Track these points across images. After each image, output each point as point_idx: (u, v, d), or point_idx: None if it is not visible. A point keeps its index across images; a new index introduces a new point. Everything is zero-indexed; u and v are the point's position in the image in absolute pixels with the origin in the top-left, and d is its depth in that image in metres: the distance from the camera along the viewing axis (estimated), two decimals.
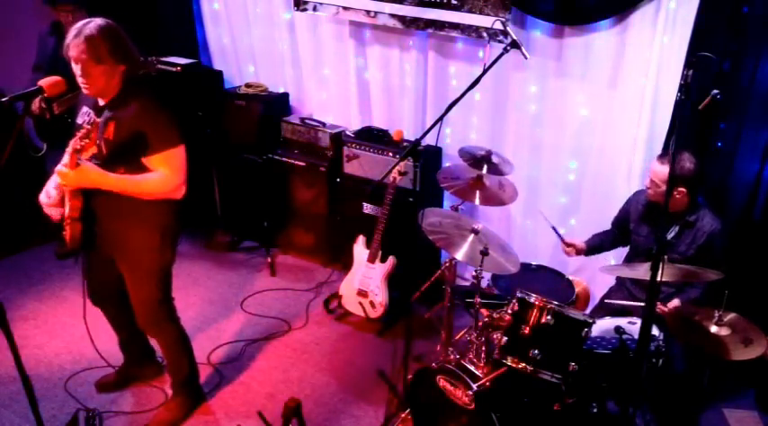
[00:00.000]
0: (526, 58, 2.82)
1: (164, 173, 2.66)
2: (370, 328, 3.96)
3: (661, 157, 2.98)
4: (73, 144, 2.53)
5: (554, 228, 3.39)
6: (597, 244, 3.40)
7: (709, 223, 3.00)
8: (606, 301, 3.24)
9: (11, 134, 2.24)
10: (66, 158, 2.66)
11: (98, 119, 2.56)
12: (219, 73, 4.81)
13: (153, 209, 2.76)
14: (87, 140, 2.50)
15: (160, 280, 2.92)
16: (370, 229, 3.86)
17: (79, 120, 2.75)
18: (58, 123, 3.97)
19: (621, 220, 3.31)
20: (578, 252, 3.36)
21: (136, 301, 2.95)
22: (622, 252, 3.43)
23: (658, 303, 2.93)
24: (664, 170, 2.86)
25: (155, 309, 2.97)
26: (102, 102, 2.68)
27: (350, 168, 4.24)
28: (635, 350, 2.54)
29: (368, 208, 4.18)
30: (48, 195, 2.78)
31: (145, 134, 2.59)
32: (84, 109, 2.76)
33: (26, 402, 2.34)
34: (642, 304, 2.52)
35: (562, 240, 3.37)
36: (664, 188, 2.71)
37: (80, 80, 2.58)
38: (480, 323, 2.91)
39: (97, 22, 2.56)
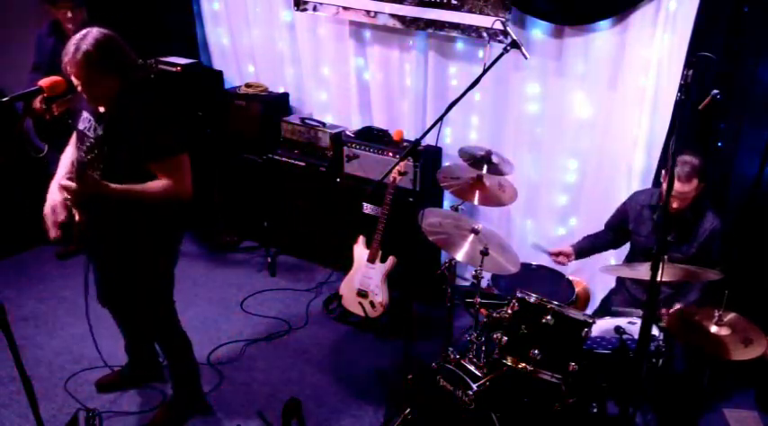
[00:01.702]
0: (526, 58, 2.82)
1: (168, 180, 2.62)
2: (370, 328, 3.96)
3: (680, 178, 2.91)
4: (78, 158, 2.49)
5: (537, 246, 3.39)
6: (587, 247, 3.38)
7: (710, 221, 3.01)
8: (613, 309, 3.22)
9: (11, 134, 2.24)
10: (61, 171, 2.65)
11: (100, 133, 2.52)
12: (219, 73, 4.81)
13: (158, 213, 2.76)
14: (94, 154, 2.46)
15: (163, 284, 2.92)
16: (371, 229, 3.86)
17: (80, 126, 2.72)
18: (58, 124, 3.97)
19: (618, 221, 3.30)
20: (568, 257, 3.35)
21: (138, 304, 2.95)
22: (623, 252, 3.43)
23: (662, 308, 2.93)
24: (684, 188, 2.88)
25: (157, 312, 2.97)
26: (102, 108, 2.65)
27: (350, 168, 4.24)
28: (635, 350, 2.54)
29: (368, 208, 4.18)
30: (53, 210, 2.73)
31: (146, 141, 2.56)
32: (85, 115, 2.72)
33: (26, 402, 2.34)
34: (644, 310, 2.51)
35: (548, 253, 3.37)
36: (689, 197, 2.89)
37: (80, 92, 2.56)
38: (480, 324, 2.91)
39: (94, 34, 2.49)
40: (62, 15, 3.90)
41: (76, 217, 2.69)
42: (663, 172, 3.12)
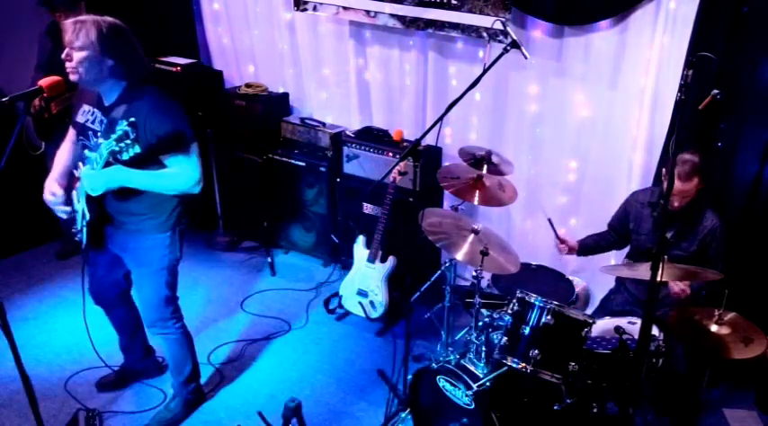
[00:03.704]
0: (526, 58, 2.82)
1: (184, 169, 2.63)
2: (370, 328, 3.96)
3: (680, 177, 2.91)
4: (108, 146, 2.47)
5: (550, 221, 3.35)
6: (590, 245, 3.38)
7: (711, 219, 3.02)
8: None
9: (11, 133, 2.24)
10: (57, 168, 2.63)
11: (133, 120, 2.51)
12: (219, 73, 4.81)
13: (165, 206, 2.77)
14: (126, 142, 2.44)
15: (168, 278, 2.92)
16: (371, 229, 3.86)
17: (81, 119, 2.72)
18: (56, 122, 3.97)
19: (620, 221, 3.30)
20: (570, 250, 3.35)
21: (142, 299, 2.95)
22: (623, 251, 3.43)
23: (671, 282, 2.91)
24: (685, 186, 2.89)
25: (161, 308, 2.97)
26: (107, 102, 2.64)
27: (350, 168, 4.24)
28: (635, 350, 2.54)
29: (368, 208, 4.18)
30: (52, 192, 2.73)
31: (161, 132, 2.56)
32: (86, 107, 2.72)
33: (26, 402, 2.34)
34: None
35: (556, 235, 3.36)
36: (690, 195, 2.89)
37: (67, 64, 2.52)
38: (480, 323, 2.91)
39: (111, 19, 2.53)
40: (59, 19, 3.92)
41: (87, 216, 2.70)
42: (663, 170, 3.11)
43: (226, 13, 4.86)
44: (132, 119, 2.45)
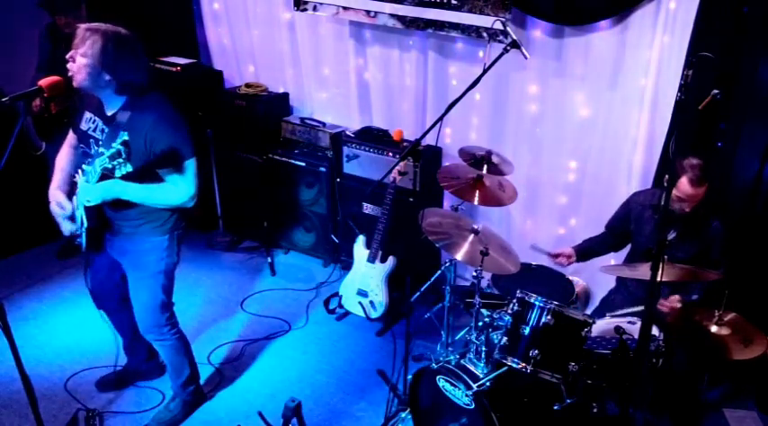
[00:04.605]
0: (526, 58, 2.82)
1: (180, 184, 2.65)
2: (370, 328, 3.96)
3: (692, 183, 2.90)
4: (101, 163, 2.48)
5: (534, 247, 3.38)
6: (587, 249, 3.38)
7: (714, 222, 3.01)
8: (609, 314, 3.21)
9: (11, 133, 2.24)
10: (58, 175, 2.65)
11: (126, 138, 2.50)
12: (219, 73, 4.81)
13: (163, 212, 2.77)
14: (120, 159, 2.45)
15: (164, 282, 2.92)
16: (371, 229, 3.86)
17: (83, 126, 2.72)
18: (56, 122, 3.98)
19: (620, 221, 3.29)
20: (569, 258, 3.35)
21: (138, 304, 2.94)
22: (623, 252, 3.43)
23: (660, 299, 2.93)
24: (698, 191, 2.87)
25: (156, 313, 2.96)
26: (109, 110, 2.64)
27: (350, 168, 4.24)
28: (635, 350, 2.54)
29: (368, 208, 4.18)
30: (60, 204, 2.74)
31: (162, 146, 2.57)
32: (88, 115, 2.71)
33: (26, 402, 2.34)
34: (641, 308, 2.52)
35: (548, 254, 3.37)
36: (697, 198, 2.86)
37: (69, 65, 2.53)
38: (480, 323, 2.91)
39: (119, 28, 2.53)
40: (59, 21, 3.93)
41: (85, 224, 2.70)
42: (667, 176, 3.11)
43: (226, 13, 4.86)
44: (126, 138, 2.45)
